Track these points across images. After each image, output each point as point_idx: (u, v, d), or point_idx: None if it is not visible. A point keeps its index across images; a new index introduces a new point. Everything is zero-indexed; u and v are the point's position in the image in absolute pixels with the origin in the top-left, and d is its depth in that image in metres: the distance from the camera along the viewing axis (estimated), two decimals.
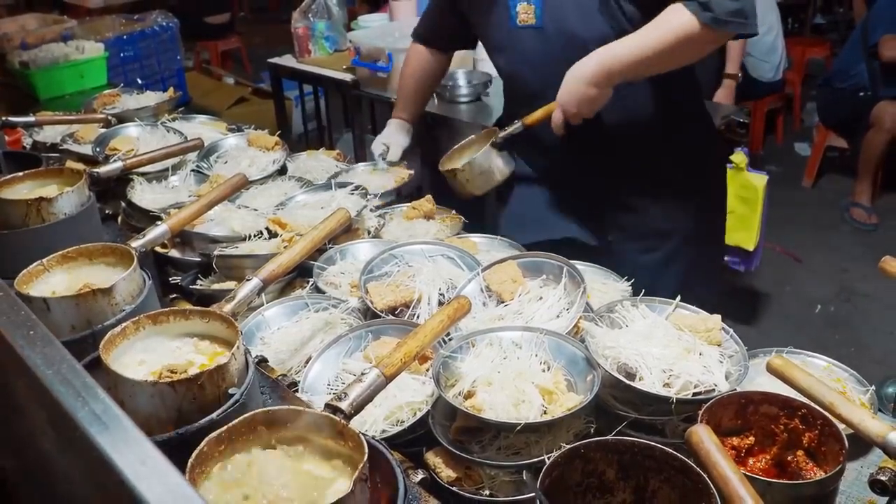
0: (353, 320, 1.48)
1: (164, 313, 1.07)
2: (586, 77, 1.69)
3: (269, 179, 2.03)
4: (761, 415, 1.12)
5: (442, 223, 1.87)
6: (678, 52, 1.65)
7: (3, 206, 1.44)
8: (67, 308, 1.14)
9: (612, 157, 1.90)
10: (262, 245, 1.68)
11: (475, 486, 1.14)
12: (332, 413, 0.92)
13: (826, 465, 1.07)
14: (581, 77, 1.70)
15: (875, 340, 3.53)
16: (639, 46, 1.65)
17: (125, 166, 1.83)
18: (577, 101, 1.72)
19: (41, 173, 1.58)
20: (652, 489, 0.99)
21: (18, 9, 4.83)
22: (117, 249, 1.28)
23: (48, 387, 0.76)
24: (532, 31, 1.80)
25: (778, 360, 1.14)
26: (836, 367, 1.34)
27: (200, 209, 1.55)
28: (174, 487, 0.63)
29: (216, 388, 0.96)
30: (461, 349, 1.27)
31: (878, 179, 4.58)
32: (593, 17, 1.72)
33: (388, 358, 1.03)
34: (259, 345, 1.46)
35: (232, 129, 2.37)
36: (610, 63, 1.67)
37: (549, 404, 1.16)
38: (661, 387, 1.19)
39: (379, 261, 1.59)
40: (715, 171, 2.09)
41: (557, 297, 1.42)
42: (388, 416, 1.23)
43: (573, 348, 1.27)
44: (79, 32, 3.42)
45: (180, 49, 3.86)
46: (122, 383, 0.94)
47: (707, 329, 1.30)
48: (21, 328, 0.86)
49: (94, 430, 0.69)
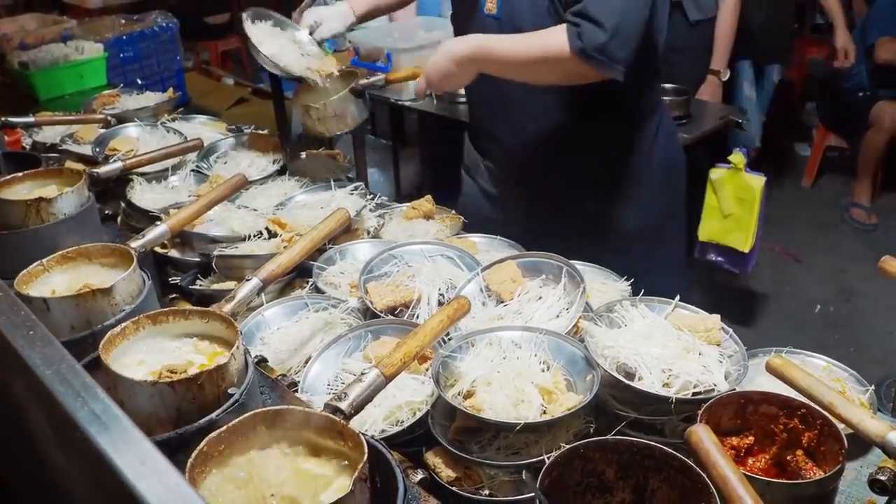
0: (352, 320, 1.48)
1: (163, 313, 1.08)
2: (454, 54, 1.75)
3: (269, 179, 2.03)
4: (761, 414, 1.13)
5: (441, 223, 1.87)
6: (542, 69, 1.67)
7: (3, 207, 1.44)
8: (67, 308, 1.14)
9: (559, 162, 1.92)
10: (262, 245, 1.68)
11: (475, 485, 1.14)
12: (331, 413, 0.92)
13: (825, 464, 1.07)
14: (449, 52, 1.75)
15: (874, 340, 3.53)
16: (510, 48, 1.69)
17: (125, 166, 1.83)
18: (439, 73, 1.78)
19: (41, 174, 1.58)
20: (651, 489, 0.99)
21: (18, 9, 4.83)
22: (117, 250, 1.28)
23: (48, 387, 0.76)
24: (493, 20, 1.82)
25: (777, 359, 1.14)
26: (836, 366, 1.34)
27: (200, 209, 1.55)
28: (174, 487, 0.63)
29: (216, 388, 0.97)
30: (461, 349, 1.27)
31: (877, 179, 4.58)
32: (543, 15, 1.73)
33: (387, 358, 1.04)
34: (259, 345, 1.46)
35: (232, 129, 2.37)
36: (479, 51, 1.72)
37: (548, 404, 1.16)
38: (661, 387, 1.19)
39: (378, 261, 1.59)
40: (670, 175, 2.05)
41: (557, 297, 1.42)
42: (388, 415, 1.23)
43: (573, 348, 1.27)
44: (78, 33, 3.42)
45: (180, 49, 3.85)
46: (122, 383, 0.95)
47: (706, 329, 1.30)
48: (21, 328, 0.86)
49: (93, 430, 0.69)
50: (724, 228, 3.39)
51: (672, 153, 2.07)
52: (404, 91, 3.59)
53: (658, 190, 2.00)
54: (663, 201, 2.03)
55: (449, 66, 1.75)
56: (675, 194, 2.10)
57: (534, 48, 1.64)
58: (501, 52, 1.69)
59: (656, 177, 1.99)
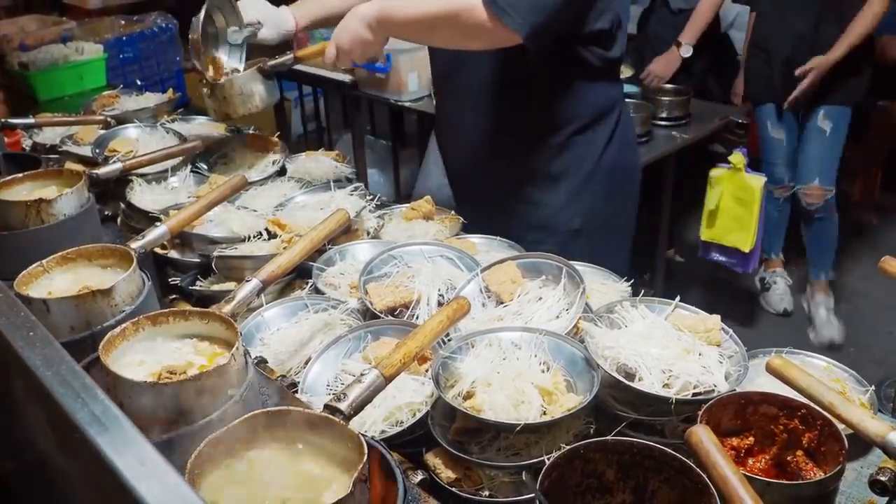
0: (352, 321, 1.48)
1: (163, 314, 1.07)
2: (365, 18, 1.70)
3: (269, 180, 2.03)
4: (761, 415, 1.12)
5: (441, 224, 1.87)
6: (448, 25, 1.63)
7: (3, 208, 1.44)
8: (67, 309, 1.14)
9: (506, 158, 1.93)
10: (262, 246, 1.68)
11: (475, 486, 1.14)
12: (331, 414, 0.92)
13: (826, 465, 1.07)
14: (360, 16, 1.71)
15: (875, 340, 3.53)
16: (416, 6, 1.66)
17: (124, 167, 1.83)
18: (350, 38, 1.73)
19: (41, 174, 1.58)
20: (651, 489, 0.99)
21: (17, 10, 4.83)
22: (117, 250, 1.28)
23: (48, 388, 0.76)
24: None
25: (777, 360, 1.14)
26: (836, 367, 1.34)
27: (200, 210, 1.55)
28: (174, 488, 0.63)
29: (216, 388, 0.96)
30: (460, 350, 1.27)
31: (878, 179, 4.58)
32: None
33: (387, 359, 1.03)
34: (258, 346, 1.46)
35: (231, 130, 2.37)
36: (387, 12, 1.69)
37: (548, 405, 1.16)
38: (661, 387, 1.19)
39: (378, 261, 1.59)
40: (617, 187, 2.00)
41: (557, 298, 1.42)
42: (388, 416, 1.23)
43: (572, 349, 1.27)
44: (78, 34, 3.42)
45: (180, 50, 3.85)
46: (122, 384, 0.94)
47: (706, 329, 1.30)
48: (21, 329, 0.86)
49: (93, 431, 0.69)
50: (726, 228, 3.39)
51: (624, 164, 1.99)
52: (403, 92, 3.60)
53: (602, 199, 1.94)
54: (607, 211, 1.97)
55: (361, 31, 1.70)
56: (622, 205, 2.03)
57: (441, 3, 1.61)
58: (410, 14, 1.66)
59: (602, 188, 1.93)
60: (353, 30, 1.72)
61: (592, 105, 1.90)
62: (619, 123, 1.95)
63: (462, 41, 1.70)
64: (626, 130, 2.01)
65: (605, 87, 1.91)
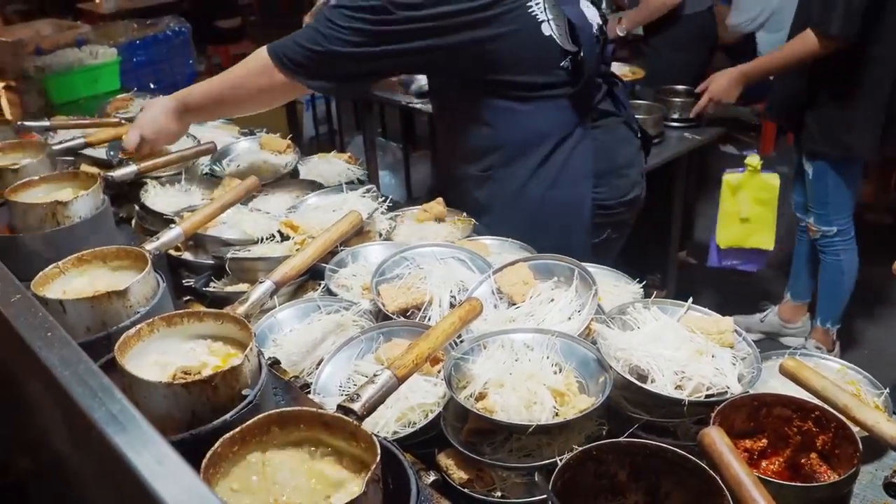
0: (364, 322, 1.48)
1: (177, 315, 1.08)
2: (166, 108, 1.88)
3: (282, 182, 2.04)
4: (774, 417, 1.12)
5: (453, 225, 1.88)
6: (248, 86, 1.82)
7: (20, 210, 1.46)
8: (83, 310, 1.15)
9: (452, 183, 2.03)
10: (275, 248, 1.69)
11: (487, 487, 1.14)
12: (344, 414, 0.93)
13: (840, 467, 1.06)
14: (161, 107, 1.89)
15: (889, 343, 3.51)
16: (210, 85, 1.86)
17: (139, 170, 1.85)
18: (153, 127, 1.91)
19: (56, 177, 1.60)
20: (664, 491, 0.98)
21: (33, 14, 4.87)
22: (131, 252, 1.29)
23: (66, 388, 0.77)
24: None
25: (791, 362, 1.14)
26: (850, 369, 1.33)
27: (213, 212, 1.56)
28: (191, 487, 0.63)
29: (230, 389, 0.97)
30: (473, 351, 1.28)
31: (892, 180, 4.55)
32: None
33: (400, 360, 1.04)
34: (272, 346, 1.46)
35: (244, 132, 2.39)
36: (185, 99, 1.88)
37: (560, 406, 1.16)
38: (673, 389, 1.19)
39: (390, 263, 1.60)
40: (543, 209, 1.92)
41: (569, 299, 1.42)
42: (400, 417, 1.23)
43: (585, 350, 1.27)
44: (92, 37, 3.45)
45: (192, 53, 3.88)
46: (137, 384, 0.95)
47: (719, 331, 1.29)
48: (39, 330, 0.87)
49: (111, 431, 0.70)
50: (746, 231, 3.39)
51: (559, 199, 1.90)
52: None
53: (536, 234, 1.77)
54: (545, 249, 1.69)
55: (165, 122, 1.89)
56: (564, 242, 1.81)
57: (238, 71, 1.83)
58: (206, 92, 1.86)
59: (526, 224, 1.85)
60: (156, 120, 1.90)
61: (511, 138, 1.86)
62: (549, 160, 1.87)
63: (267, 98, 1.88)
64: (567, 165, 1.89)
65: (533, 118, 1.83)
